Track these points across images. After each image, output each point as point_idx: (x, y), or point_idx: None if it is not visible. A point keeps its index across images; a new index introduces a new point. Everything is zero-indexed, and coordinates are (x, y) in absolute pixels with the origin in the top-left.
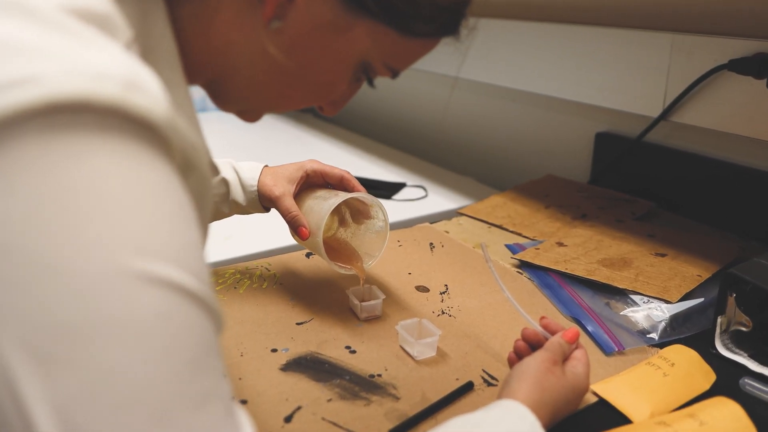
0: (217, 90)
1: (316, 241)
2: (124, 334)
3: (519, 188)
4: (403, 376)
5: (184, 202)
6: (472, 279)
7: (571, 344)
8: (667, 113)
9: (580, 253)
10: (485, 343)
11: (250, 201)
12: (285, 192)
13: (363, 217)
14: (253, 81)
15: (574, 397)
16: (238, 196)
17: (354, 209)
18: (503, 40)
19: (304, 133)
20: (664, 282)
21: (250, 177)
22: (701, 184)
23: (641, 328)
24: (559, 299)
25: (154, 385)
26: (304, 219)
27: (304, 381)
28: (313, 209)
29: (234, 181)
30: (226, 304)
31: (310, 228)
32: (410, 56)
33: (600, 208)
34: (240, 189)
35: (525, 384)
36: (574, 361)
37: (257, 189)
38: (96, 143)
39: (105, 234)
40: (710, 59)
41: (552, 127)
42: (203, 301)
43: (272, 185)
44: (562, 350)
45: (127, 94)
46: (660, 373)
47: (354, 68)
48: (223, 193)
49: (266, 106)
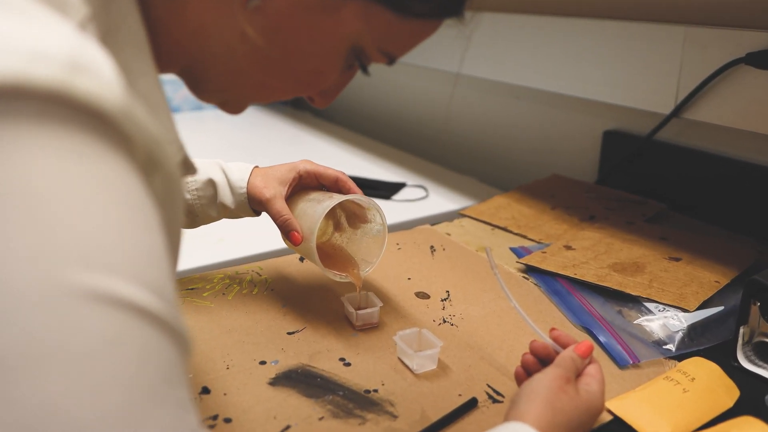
0: (193, 79)
1: (309, 247)
2: (66, 363)
3: (523, 188)
4: (402, 391)
5: (142, 205)
6: (475, 285)
7: (584, 359)
8: (680, 110)
9: (590, 257)
10: (490, 355)
11: (239, 204)
12: (276, 194)
13: (359, 221)
14: (231, 68)
15: (588, 418)
16: (226, 199)
17: (350, 212)
18: (506, 35)
19: (301, 131)
20: (679, 288)
21: (239, 178)
22: (715, 184)
23: (657, 339)
24: (568, 307)
25: (102, 423)
26: (297, 223)
27: (294, 397)
28: (306, 212)
29: (222, 183)
30: (214, 312)
31: (302, 232)
32: (408, 40)
33: (609, 210)
34: (228, 191)
35: (535, 404)
36: (588, 378)
37: (246, 191)
38: (32, 134)
39: (41, 243)
40: (726, 53)
41: (557, 125)
42: (164, 322)
43: (262, 187)
44: (575, 366)
45: (71, 76)
46: (679, 388)
47: (345, 54)
48: (210, 196)
49: (248, 97)
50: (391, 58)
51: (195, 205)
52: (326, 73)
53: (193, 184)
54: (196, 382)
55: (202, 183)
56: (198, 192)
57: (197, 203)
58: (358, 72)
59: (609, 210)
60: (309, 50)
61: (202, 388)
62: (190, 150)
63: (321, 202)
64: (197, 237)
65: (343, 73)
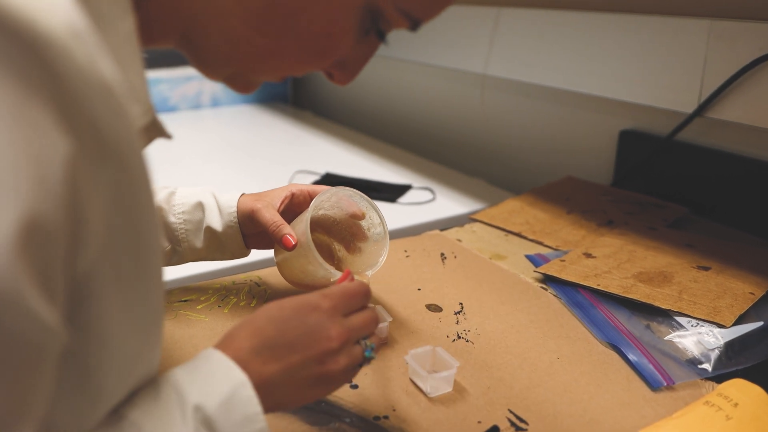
0: (192, 50)
1: (304, 248)
2: None
3: (537, 191)
4: (414, 418)
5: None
6: (490, 296)
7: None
8: (704, 109)
9: (612, 265)
10: (510, 375)
11: (227, 225)
12: (267, 205)
13: (358, 240)
14: (230, 35)
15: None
16: (214, 221)
17: (346, 234)
18: (518, 30)
19: (301, 131)
20: (712, 301)
21: (229, 198)
22: (741, 186)
23: (691, 357)
24: (592, 321)
25: None
26: (289, 228)
27: (296, 424)
28: (299, 220)
29: (210, 205)
30: (208, 327)
31: (297, 237)
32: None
33: (628, 214)
34: (216, 212)
35: (241, 328)
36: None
37: (236, 208)
38: None
39: None
40: (754, 48)
41: (570, 124)
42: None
43: (253, 200)
44: (327, 299)
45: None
46: (722, 415)
47: (358, 14)
48: (196, 221)
49: (255, 70)
50: (414, 22)
51: (179, 232)
52: (337, 38)
53: (180, 207)
54: None
55: (190, 206)
56: (184, 215)
57: (182, 229)
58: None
59: (628, 214)
60: (314, 10)
61: None
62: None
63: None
64: None
65: (361, 41)
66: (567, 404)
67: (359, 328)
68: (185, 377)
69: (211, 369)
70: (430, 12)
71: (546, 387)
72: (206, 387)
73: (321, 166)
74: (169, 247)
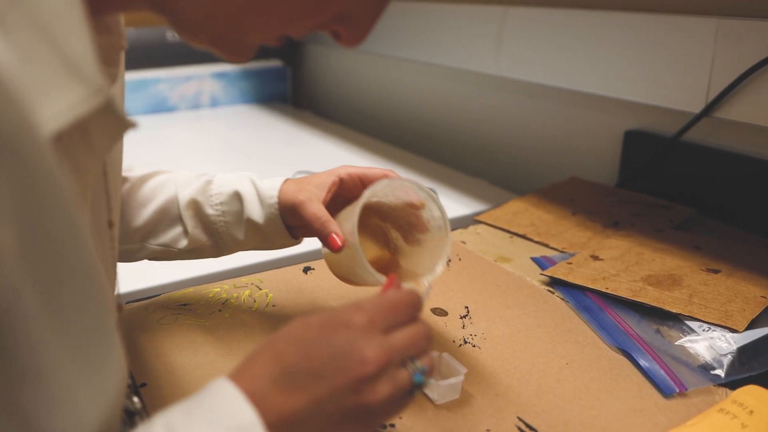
0: (167, 11)
1: (352, 251)
2: None
3: (541, 192)
4: (422, 427)
5: None
6: (496, 299)
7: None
8: (711, 109)
9: (620, 268)
10: (519, 382)
11: (269, 218)
12: (312, 197)
13: (418, 231)
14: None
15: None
16: (254, 213)
17: (405, 225)
18: (520, 29)
19: (301, 131)
20: (723, 305)
21: (269, 187)
22: (748, 187)
23: (703, 363)
24: (601, 325)
25: None
26: (336, 225)
27: None
28: (347, 215)
29: (250, 194)
30: (209, 332)
31: (344, 237)
32: None
33: (634, 215)
34: (257, 202)
35: (259, 354)
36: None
37: (278, 199)
38: None
39: None
40: (763, 47)
41: (573, 124)
42: None
43: (296, 191)
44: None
45: None
46: (737, 423)
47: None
48: (235, 212)
49: (241, 29)
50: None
51: (218, 225)
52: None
53: (218, 197)
54: None
55: (227, 196)
56: (222, 207)
57: (221, 221)
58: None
59: (634, 215)
60: None
61: None
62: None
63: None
64: None
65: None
66: (577, 411)
67: (404, 348)
68: (183, 419)
69: (214, 407)
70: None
71: (555, 394)
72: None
73: (321, 166)
74: (209, 242)
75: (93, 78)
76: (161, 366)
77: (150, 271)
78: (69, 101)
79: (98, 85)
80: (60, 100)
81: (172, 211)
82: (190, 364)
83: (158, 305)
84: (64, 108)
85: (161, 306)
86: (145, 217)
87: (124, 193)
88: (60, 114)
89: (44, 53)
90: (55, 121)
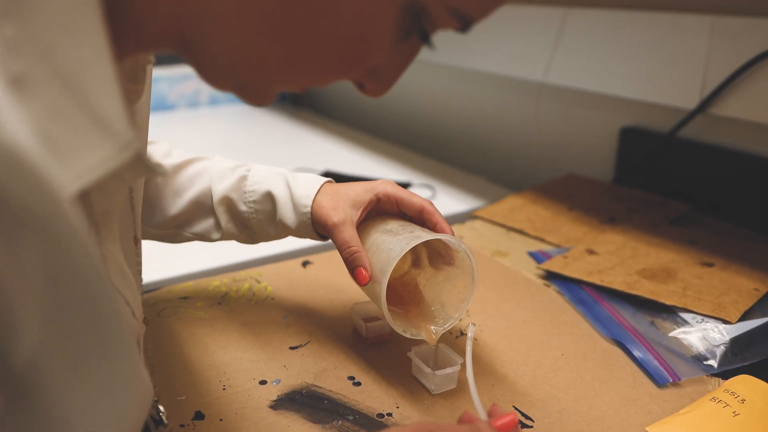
0: (193, 57)
1: (377, 289)
2: None
3: (538, 188)
4: (419, 415)
5: None
6: (493, 293)
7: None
8: (706, 105)
9: (615, 262)
10: (515, 372)
11: (301, 225)
12: (345, 219)
13: (443, 262)
14: (234, 41)
15: None
16: (287, 217)
17: (433, 250)
18: (516, 27)
19: (300, 129)
20: (717, 297)
21: (304, 195)
22: (743, 183)
23: (696, 353)
24: (596, 317)
25: None
26: (366, 258)
27: (299, 422)
28: (380, 247)
29: (283, 198)
30: (208, 324)
31: (371, 271)
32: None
33: (631, 211)
34: (290, 208)
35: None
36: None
37: (311, 211)
38: None
39: None
40: (757, 44)
41: (570, 121)
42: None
43: (330, 209)
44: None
45: None
46: (729, 411)
47: (398, 15)
48: (268, 211)
49: (269, 78)
50: (465, 22)
51: (252, 221)
52: (371, 42)
53: (251, 195)
54: (188, 405)
55: (260, 195)
56: (255, 205)
57: (253, 218)
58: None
59: (631, 211)
60: (344, 9)
61: (195, 413)
62: (187, 149)
63: (400, 236)
64: None
65: (399, 45)
66: (572, 401)
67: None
68: None
69: None
70: (483, 9)
71: (551, 384)
72: None
73: (320, 164)
74: (242, 234)
75: (122, 132)
76: (161, 358)
77: (151, 265)
78: (98, 157)
79: (128, 139)
80: (89, 157)
81: (206, 203)
82: (190, 357)
83: (158, 298)
84: (93, 164)
85: (161, 299)
86: (180, 206)
87: (159, 180)
88: (88, 171)
89: (72, 110)
90: (83, 178)
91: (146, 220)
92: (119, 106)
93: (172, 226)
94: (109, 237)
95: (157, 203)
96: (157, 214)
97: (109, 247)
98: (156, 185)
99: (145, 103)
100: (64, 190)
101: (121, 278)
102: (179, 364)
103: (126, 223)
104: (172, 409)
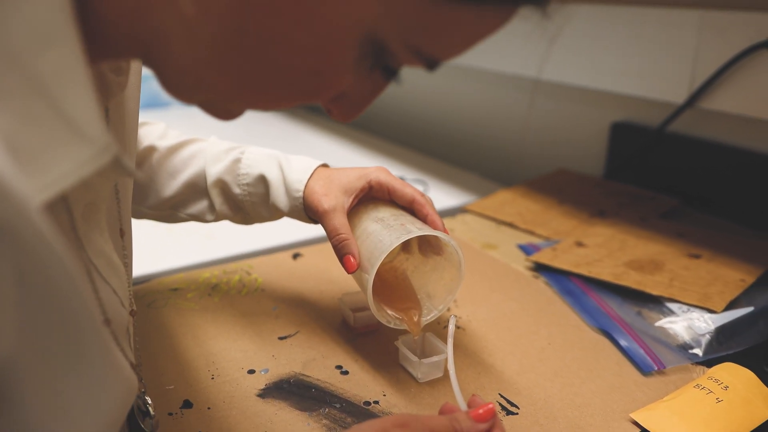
0: (156, 71)
1: (364, 278)
2: None
3: (529, 183)
4: (405, 403)
5: None
6: (482, 284)
7: (478, 422)
8: (695, 99)
9: (603, 254)
10: (501, 361)
11: (293, 208)
12: (336, 206)
13: (433, 252)
14: (195, 57)
15: None
16: (279, 201)
17: (423, 239)
18: (509, 23)
19: (294, 126)
20: (703, 288)
21: (297, 179)
22: (733, 178)
23: (682, 342)
24: (584, 308)
25: None
26: (355, 246)
27: (286, 410)
28: (370, 236)
29: (276, 182)
30: (198, 315)
31: (360, 260)
32: (453, 35)
33: (620, 205)
34: (283, 191)
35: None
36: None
37: (303, 196)
38: None
39: None
40: (745, 38)
41: (561, 117)
42: None
43: (322, 194)
44: (450, 426)
45: None
46: (712, 398)
47: (355, 48)
48: (261, 194)
49: (233, 99)
50: (431, 61)
51: (245, 203)
52: (329, 76)
53: (244, 178)
54: (176, 394)
55: (253, 178)
56: (248, 188)
57: (247, 200)
58: None
59: (620, 205)
60: (295, 42)
61: (184, 402)
62: None
63: (391, 227)
64: (183, 233)
65: (366, 76)
66: (558, 388)
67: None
68: None
69: None
70: (448, 51)
71: (537, 372)
72: None
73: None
74: (236, 216)
75: (98, 137)
76: (152, 348)
77: (141, 258)
78: (74, 163)
79: (104, 143)
80: (64, 163)
81: (200, 185)
82: (179, 347)
83: (149, 289)
84: (68, 170)
85: (152, 290)
86: (174, 188)
87: (154, 162)
88: (63, 176)
89: (45, 117)
90: (58, 184)
91: (142, 201)
92: (94, 111)
93: (167, 207)
94: (96, 228)
95: (152, 185)
96: (152, 196)
97: (95, 239)
98: (151, 167)
99: (132, 94)
100: (33, 199)
101: (108, 268)
102: (169, 354)
103: (112, 216)
104: (160, 398)
